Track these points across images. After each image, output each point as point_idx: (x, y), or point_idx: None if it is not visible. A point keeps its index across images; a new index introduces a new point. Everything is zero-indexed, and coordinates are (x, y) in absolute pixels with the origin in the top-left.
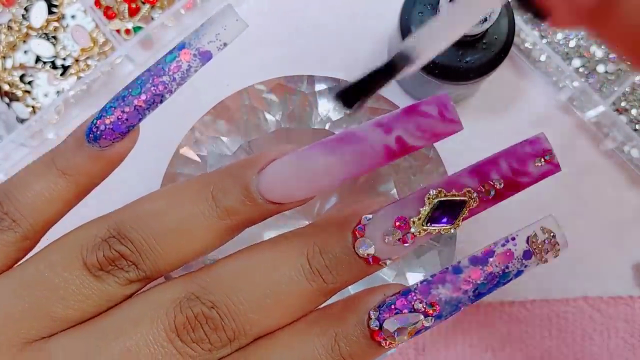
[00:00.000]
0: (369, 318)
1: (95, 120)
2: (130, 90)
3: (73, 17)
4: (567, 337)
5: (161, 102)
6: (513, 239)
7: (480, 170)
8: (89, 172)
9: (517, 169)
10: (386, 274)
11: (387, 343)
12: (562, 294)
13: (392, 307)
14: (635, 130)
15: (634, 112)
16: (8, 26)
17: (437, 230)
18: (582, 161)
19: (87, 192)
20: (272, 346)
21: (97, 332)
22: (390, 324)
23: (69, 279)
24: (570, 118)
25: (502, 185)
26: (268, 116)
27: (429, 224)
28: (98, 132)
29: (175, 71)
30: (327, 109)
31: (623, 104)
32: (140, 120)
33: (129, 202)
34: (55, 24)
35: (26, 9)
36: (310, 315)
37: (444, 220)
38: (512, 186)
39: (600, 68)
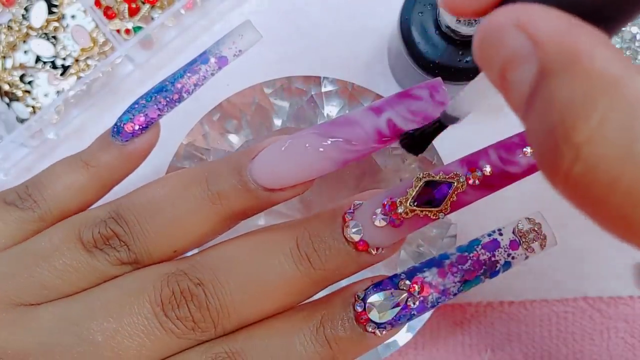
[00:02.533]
0: (355, 300)
1: (120, 117)
2: (152, 88)
3: (73, 17)
4: (567, 337)
5: (179, 100)
6: (499, 229)
7: (469, 159)
8: (111, 166)
9: (505, 158)
10: None
11: (372, 326)
12: (562, 294)
13: (378, 287)
14: None
15: None
16: (8, 26)
17: (424, 213)
18: None
19: (107, 187)
20: (257, 329)
21: (86, 301)
22: (374, 299)
23: (62, 251)
24: None
25: (490, 171)
26: (274, 115)
27: (415, 204)
28: (121, 125)
29: (194, 72)
30: (333, 110)
31: None
32: (159, 116)
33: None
34: (55, 24)
35: (26, 9)
36: (299, 305)
37: (431, 201)
38: (502, 175)
39: None
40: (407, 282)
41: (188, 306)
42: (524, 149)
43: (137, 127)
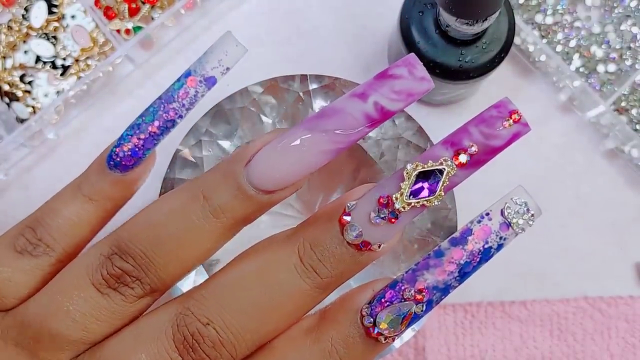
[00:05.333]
0: (362, 316)
1: (114, 149)
2: (143, 118)
3: (73, 17)
4: (568, 337)
5: (173, 126)
6: (487, 214)
7: (452, 140)
8: (113, 196)
9: (487, 132)
10: (386, 274)
11: (384, 338)
12: (562, 294)
13: (383, 300)
14: (635, 130)
15: (634, 112)
16: (8, 26)
17: (421, 203)
18: (582, 161)
19: (112, 214)
20: (269, 358)
21: (107, 354)
22: (383, 318)
23: (78, 302)
24: (570, 118)
25: (476, 149)
26: (263, 117)
27: (411, 197)
28: (118, 159)
29: (184, 97)
30: (322, 107)
31: (623, 104)
32: (155, 145)
33: (127, 208)
34: (55, 24)
35: (26, 9)
36: (304, 321)
37: (426, 191)
38: (487, 150)
39: (600, 68)
40: (411, 290)
41: (202, 348)
42: (504, 121)
43: (135, 161)
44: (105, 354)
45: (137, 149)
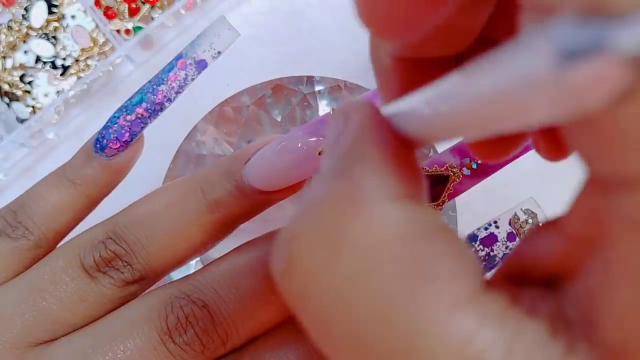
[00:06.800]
0: None
1: (101, 131)
2: (132, 100)
3: (73, 17)
4: None
5: (161, 110)
6: (495, 222)
7: (460, 149)
8: (98, 182)
9: None
10: None
11: None
12: None
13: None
14: None
15: None
16: (8, 26)
17: None
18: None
19: (96, 202)
20: (262, 345)
21: (94, 336)
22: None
23: (66, 281)
24: None
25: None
26: (268, 117)
27: None
28: (104, 141)
29: (174, 80)
30: (327, 109)
31: None
32: (142, 128)
33: (129, 203)
34: (55, 24)
35: (26, 9)
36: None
37: (429, 196)
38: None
39: None
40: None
41: (194, 330)
42: None
43: (121, 144)
44: (93, 334)
45: (123, 131)
